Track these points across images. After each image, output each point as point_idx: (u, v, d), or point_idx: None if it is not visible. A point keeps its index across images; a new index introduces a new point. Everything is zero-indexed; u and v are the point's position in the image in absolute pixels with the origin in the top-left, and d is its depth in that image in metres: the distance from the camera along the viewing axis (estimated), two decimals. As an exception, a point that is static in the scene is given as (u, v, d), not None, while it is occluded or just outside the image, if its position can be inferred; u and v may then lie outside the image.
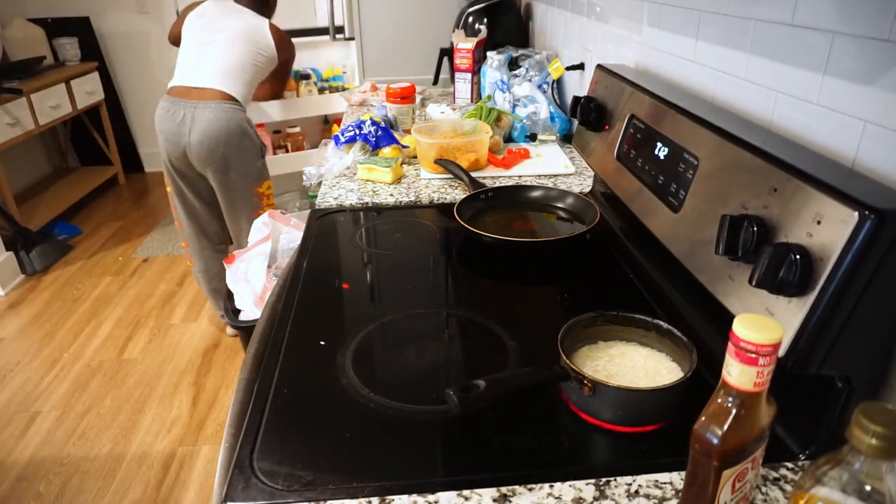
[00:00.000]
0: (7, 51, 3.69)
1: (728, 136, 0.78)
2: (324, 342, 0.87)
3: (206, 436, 2.13)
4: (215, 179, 2.25)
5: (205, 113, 2.13)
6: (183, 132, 2.15)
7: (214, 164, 2.19)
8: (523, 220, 1.22)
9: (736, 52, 0.93)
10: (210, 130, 2.13)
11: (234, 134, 2.16)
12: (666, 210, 0.89)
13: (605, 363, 0.77)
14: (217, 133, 2.13)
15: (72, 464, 2.01)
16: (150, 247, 3.51)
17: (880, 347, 0.62)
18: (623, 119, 1.10)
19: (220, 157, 2.17)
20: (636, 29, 1.31)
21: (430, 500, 0.61)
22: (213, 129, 2.13)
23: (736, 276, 0.70)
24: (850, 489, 0.43)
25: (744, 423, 0.50)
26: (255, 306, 1.55)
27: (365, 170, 1.46)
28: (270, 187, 2.38)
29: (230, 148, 2.17)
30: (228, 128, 2.15)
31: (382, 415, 0.73)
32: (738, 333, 0.48)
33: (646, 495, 0.62)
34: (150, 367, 2.49)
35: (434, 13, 2.39)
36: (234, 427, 0.78)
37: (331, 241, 1.20)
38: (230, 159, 2.19)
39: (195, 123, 2.13)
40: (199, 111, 2.13)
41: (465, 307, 0.97)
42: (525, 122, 1.73)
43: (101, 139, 4.27)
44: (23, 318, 2.86)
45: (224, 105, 2.15)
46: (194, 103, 2.14)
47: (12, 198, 3.32)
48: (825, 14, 0.73)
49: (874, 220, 0.54)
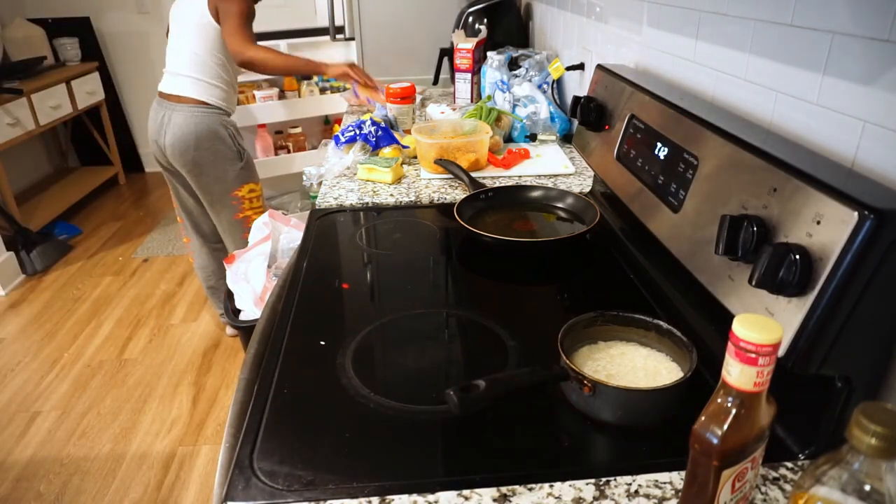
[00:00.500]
0: (7, 51, 3.69)
1: (728, 136, 0.78)
2: (324, 342, 0.87)
3: (206, 436, 2.13)
4: (191, 181, 2.27)
5: (177, 116, 2.15)
6: (161, 133, 2.18)
7: (186, 166, 2.21)
8: (523, 220, 1.22)
9: (736, 52, 0.93)
10: (180, 133, 2.15)
11: (203, 138, 2.17)
12: (666, 210, 0.89)
13: (605, 363, 0.77)
14: (186, 136, 2.15)
15: (72, 464, 2.02)
16: (150, 247, 3.51)
17: (880, 347, 0.62)
18: (623, 119, 1.10)
19: (190, 159, 2.18)
20: (636, 29, 1.31)
21: (430, 500, 0.61)
22: (183, 132, 2.15)
23: (736, 276, 0.70)
24: (849, 489, 0.43)
25: (744, 423, 0.50)
26: (255, 306, 1.55)
27: (365, 170, 1.46)
28: (254, 190, 2.34)
29: (200, 151, 2.18)
30: (198, 131, 2.15)
31: (382, 415, 0.73)
32: (738, 333, 0.48)
33: (646, 495, 0.62)
34: (150, 367, 2.49)
35: (434, 13, 2.39)
36: (234, 427, 0.78)
37: (331, 241, 1.20)
38: (201, 162, 2.20)
39: (169, 125, 2.16)
40: (174, 113, 2.16)
41: (465, 307, 0.97)
42: (525, 122, 1.73)
43: (101, 139, 4.27)
44: (23, 318, 2.86)
45: (196, 109, 2.16)
46: (172, 105, 2.17)
47: (13, 198, 3.33)
48: (825, 14, 0.73)
49: (874, 220, 0.54)
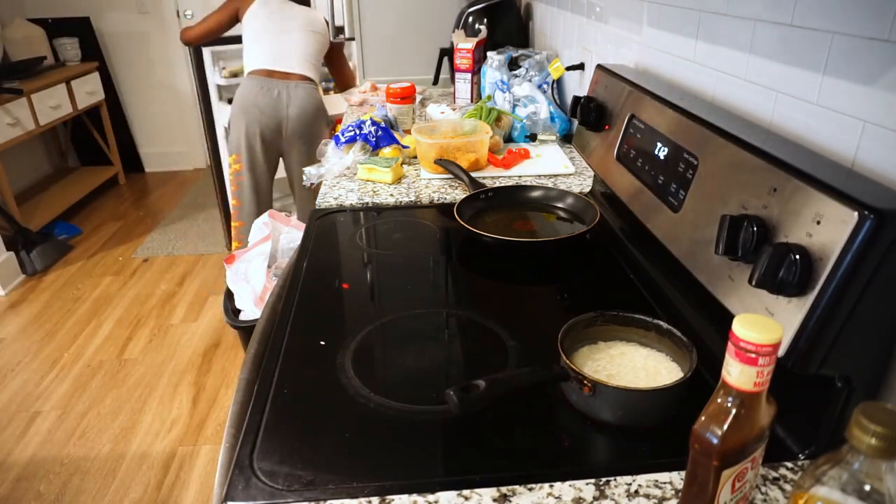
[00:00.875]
0: (7, 51, 3.69)
1: (728, 136, 0.78)
2: (324, 342, 0.87)
3: (206, 436, 2.13)
4: (300, 152, 2.54)
5: (299, 91, 2.45)
6: (281, 107, 2.45)
7: (304, 136, 2.52)
8: (523, 220, 1.22)
9: (736, 52, 0.93)
10: (306, 106, 2.48)
11: (322, 111, 2.56)
12: (666, 210, 0.89)
13: (606, 363, 0.77)
14: (311, 109, 2.50)
15: (72, 464, 2.02)
16: (150, 247, 3.51)
17: (880, 347, 0.62)
18: (623, 119, 1.10)
19: (311, 130, 2.51)
20: (636, 29, 1.31)
21: (430, 500, 0.61)
22: (308, 104, 2.48)
23: (736, 276, 0.70)
24: (849, 489, 0.43)
25: (743, 423, 0.50)
26: (255, 306, 1.55)
27: (365, 170, 1.46)
28: None
29: (319, 123, 2.54)
30: (317, 106, 2.52)
31: (382, 415, 0.73)
32: (738, 333, 0.48)
33: (646, 495, 0.62)
34: (150, 367, 2.49)
35: (434, 13, 2.39)
36: (234, 427, 0.78)
37: (331, 241, 1.20)
38: (318, 133, 2.52)
39: (292, 100, 2.45)
40: (293, 90, 2.45)
41: (465, 307, 0.97)
42: (525, 122, 1.73)
43: (101, 139, 4.27)
44: (23, 318, 2.86)
45: (311, 86, 2.50)
46: (287, 83, 2.43)
47: (13, 198, 3.33)
48: (825, 14, 0.73)
49: (874, 220, 0.54)
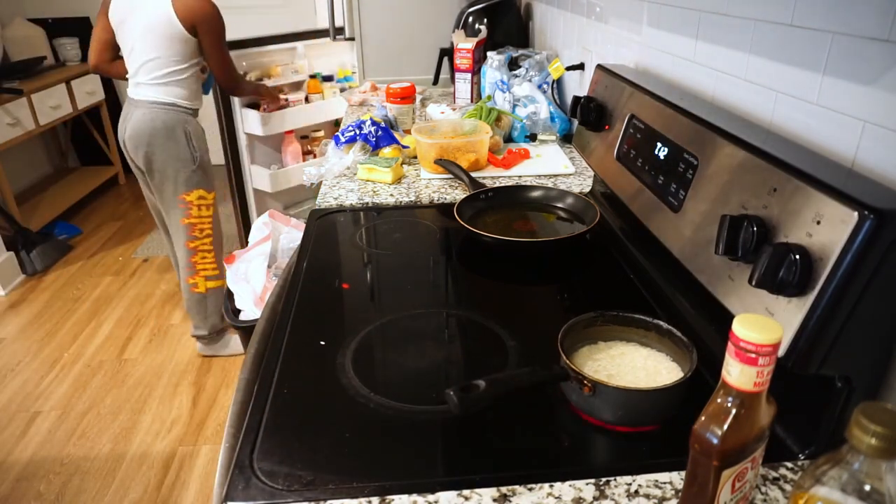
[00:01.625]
0: (7, 51, 3.69)
1: (728, 136, 0.78)
2: (324, 342, 0.87)
3: (206, 436, 2.13)
4: (145, 176, 2.31)
5: (136, 111, 2.20)
6: (124, 128, 2.24)
7: (138, 160, 2.26)
8: (523, 220, 1.22)
9: (736, 52, 0.93)
10: (137, 127, 2.18)
11: (158, 135, 2.19)
12: (666, 210, 0.89)
13: (606, 363, 0.77)
14: (140, 132, 2.18)
15: (72, 464, 2.02)
16: (150, 247, 3.51)
17: (880, 347, 0.62)
18: (623, 119, 1.10)
19: (142, 155, 2.22)
20: (636, 29, 1.31)
21: (430, 500, 0.61)
22: (139, 126, 2.18)
23: (736, 276, 0.70)
24: (849, 489, 0.43)
25: (743, 423, 0.50)
26: (255, 306, 1.55)
27: (365, 170, 1.46)
28: (204, 198, 2.32)
29: (153, 148, 2.20)
30: (153, 127, 2.18)
31: (382, 415, 0.73)
32: (738, 333, 0.48)
33: (646, 495, 0.62)
34: (150, 367, 2.49)
35: (434, 13, 2.39)
36: (234, 427, 0.78)
37: (331, 241, 1.20)
38: (152, 159, 2.22)
39: (129, 120, 2.22)
40: (134, 109, 2.21)
41: (465, 307, 0.97)
42: (525, 122, 1.73)
43: (101, 139, 4.27)
44: (23, 318, 2.86)
45: (155, 106, 2.18)
46: (134, 101, 2.22)
47: (13, 198, 3.33)
48: (825, 14, 0.73)
49: (874, 220, 0.54)
